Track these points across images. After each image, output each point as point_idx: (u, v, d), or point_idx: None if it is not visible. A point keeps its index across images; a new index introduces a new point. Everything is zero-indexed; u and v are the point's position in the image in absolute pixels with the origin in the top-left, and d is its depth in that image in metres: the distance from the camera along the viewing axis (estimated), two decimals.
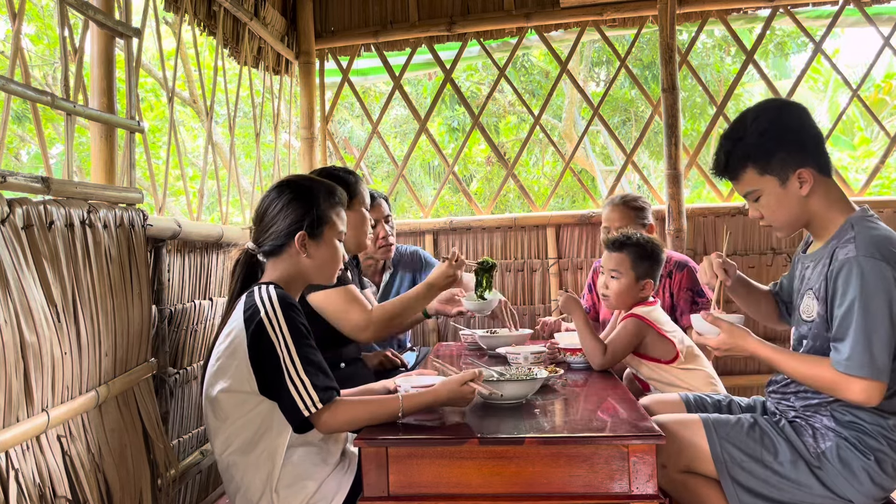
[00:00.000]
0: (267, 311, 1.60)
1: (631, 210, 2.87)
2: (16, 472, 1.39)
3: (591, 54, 9.43)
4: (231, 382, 1.63)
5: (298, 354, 1.57)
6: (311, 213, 1.76)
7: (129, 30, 2.13)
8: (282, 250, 1.77)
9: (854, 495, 1.63)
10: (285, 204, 1.77)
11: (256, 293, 1.66)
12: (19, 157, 9.32)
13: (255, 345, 1.60)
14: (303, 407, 1.54)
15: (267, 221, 1.79)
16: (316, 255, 1.78)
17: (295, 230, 1.75)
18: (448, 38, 3.96)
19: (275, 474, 1.63)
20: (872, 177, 3.78)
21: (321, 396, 1.55)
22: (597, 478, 1.47)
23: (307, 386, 1.55)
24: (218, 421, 1.67)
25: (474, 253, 3.94)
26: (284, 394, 1.56)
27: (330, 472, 1.71)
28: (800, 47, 8.92)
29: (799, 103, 1.82)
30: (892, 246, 1.59)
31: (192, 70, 7.39)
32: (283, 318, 1.59)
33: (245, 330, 1.61)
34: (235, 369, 1.62)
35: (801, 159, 1.69)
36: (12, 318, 1.39)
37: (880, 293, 1.54)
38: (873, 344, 1.53)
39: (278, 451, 1.64)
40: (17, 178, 1.45)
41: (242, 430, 1.64)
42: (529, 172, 10.32)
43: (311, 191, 1.80)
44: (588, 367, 2.32)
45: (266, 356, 1.58)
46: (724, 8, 3.76)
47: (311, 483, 1.66)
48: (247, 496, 1.64)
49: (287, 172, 3.97)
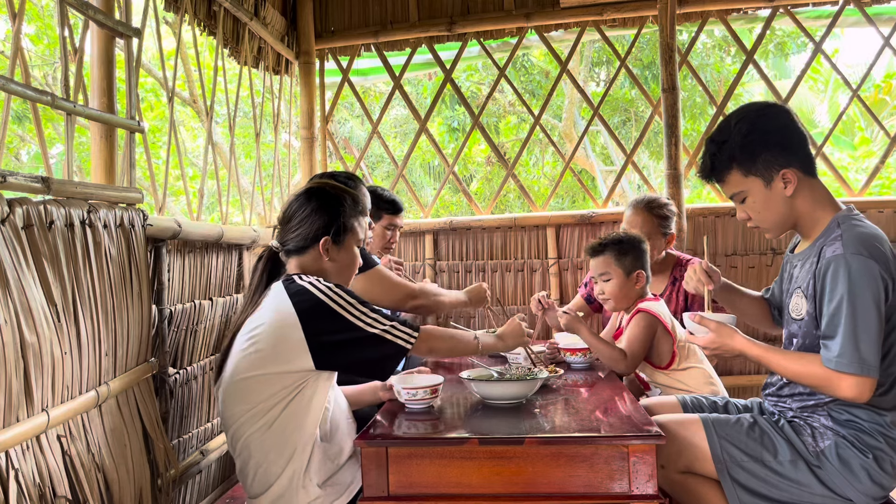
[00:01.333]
0: (323, 291, 1.70)
1: (654, 217, 2.76)
2: (16, 471, 1.39)
3: (591, 54, 9.43)
4: (273, 366, 1.67)
5: (372, 310, 1.72)
6: (337, 221, 1.86)
7: (129, 30, 2.13)
8: (305, 251, 1.85)
9: (854, 494, 1.63)
10: (313, 210, 1.86)
11: (299, 281, 1.73)
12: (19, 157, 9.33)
13: (316, 322, 1.67)
14: (404, 343, 1.72)
15: (294, 224, 1.86)
16: (337, 259, 1.87)
17: (320, 235, 1.83)
18: (448, 38, 3.96)
19: (298, 453, 1.67)
20: (872, 177, 3.78)
21: (412, 327, 1.75)
22: (597, 478, 1.47)
23: (396, 325, 1.72)
24: (243, 403, 1.70)
25: (474, 253, 3.95)
26: (375, 347, 1.69)
27: (347, 461, 1.79)
28: (800, 47, 8.92)
29: (782, 105, 1.84)
30: (878, 243, 1.61)
31: (192, 70, 7.39)
32: (343, 293, 1.72)
33: (299, 313, 1.67)
34: (282, 353, 1.67)
35: (784, 160, 1.71)
36: (12, 318, 1.39)
37: (868, 290, 1.56)
38: (862, 340, 1.55)
39: (304, 430, 1.69)
40: (17, 178, 1.45)
41: (272, 408, 1.67)
42: (529, 172, 10.32)
43: (339, 200, 1.89)
44: (589, 366, 2.32)
45: (335, 329, 1.68)
46: (724, 8, 3.76)
47: (331, 467, 1.74)
48: (267, 473, 1.68)
49: (287, 172, 3.97)
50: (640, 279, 2.31)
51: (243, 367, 1.70)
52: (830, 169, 3.90)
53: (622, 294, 2.31)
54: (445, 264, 3.97)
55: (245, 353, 1.71)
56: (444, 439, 1.51)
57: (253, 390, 1.69)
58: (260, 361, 1.68)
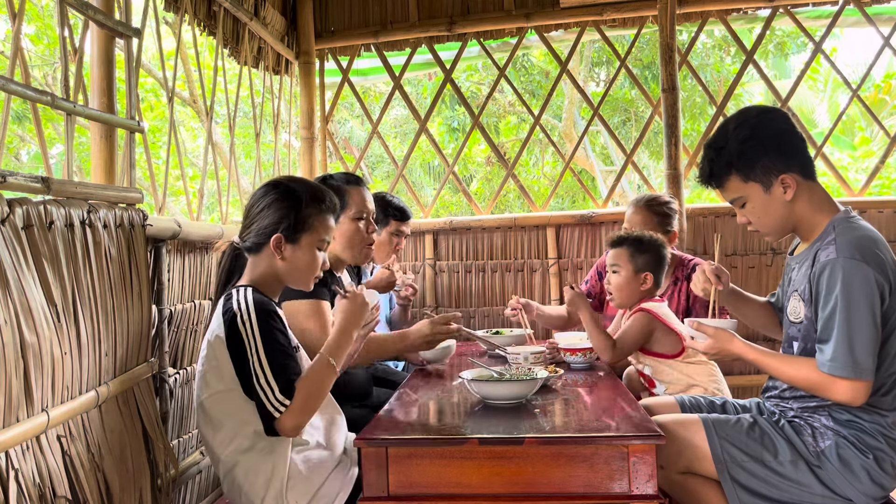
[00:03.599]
0: (242, 316, 1.60)
1: (654, 214, 2.79)
2: (16, 472, 1.39)
3: (591, 54, 9.43)
4: (221, 385, 1.64)
5: (268, 359, 1.57)
6: (291, 217, 1.74)
7: (129, 30, 2.13)
8: (261, 249, 1.76)
9: (854, 494, 1.63)
10: (269, 204, 1.76)
11: (234, 297, 1.66)
12: (19, 157, 9.33)
13: (231, 349, 1.61)
14: (272, 409, 1.55)
15: (251, 218, 1.79)
16: (291, 259, 1.75)
17: (272, 231, 1.73)
18: (448, 38, 3.96)
19: (276, 474, 1.63)
20: (872, 177, 3.78)
21: (286, 396, 1.56)
22: (597, 478, 1.47)
23: (274, 390, 1.55)
24: (212, 425, 1.67)
25: (474, 253, 3.95)
26: (255, 397, 1.58)
27: (332, 471, 1.71)
28: (800, 47, 8.91)
29: (780, 109, 1.84)
30: (874, 247, 1.61)
31: (192, 70, 7.39)
32: (255, 323, 1.60)
33: (224, 334, 1.62)
34: (225, 373, 1.63)
35: (783, 165, 1.71)
36: (12, 318, 1.39)
37: (862, 295, 1.56)
38: (855, 345, 1.55)
39: (278, 450, 1.64)
40: (17, 178, 1.45)
41: (240, 430, 1.64)
42: (529, 172, 10.32)
43: (296, 193, 1.76)
44: (589, 367, 2.32)
45: (241, 360, 1.59)
46: (724, 8, 3.76)
47: (316, 480, 1.67)
48: (249, 497, 1.64)
49: (287, 172, 3.97)
50: (647, 280, 2.31)
51: (201, 384, 1.69)
52: (830, 169, 3.90)
53: (626, 290, 2.32)
54: (445, 264, 3.97)
55: (199, 372, 1.70)
56: (444, 439, 1.51)
57: (215, 411, 1.66)
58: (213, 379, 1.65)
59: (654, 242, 2.34)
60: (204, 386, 1.67)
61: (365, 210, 2.34)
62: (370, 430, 1.58)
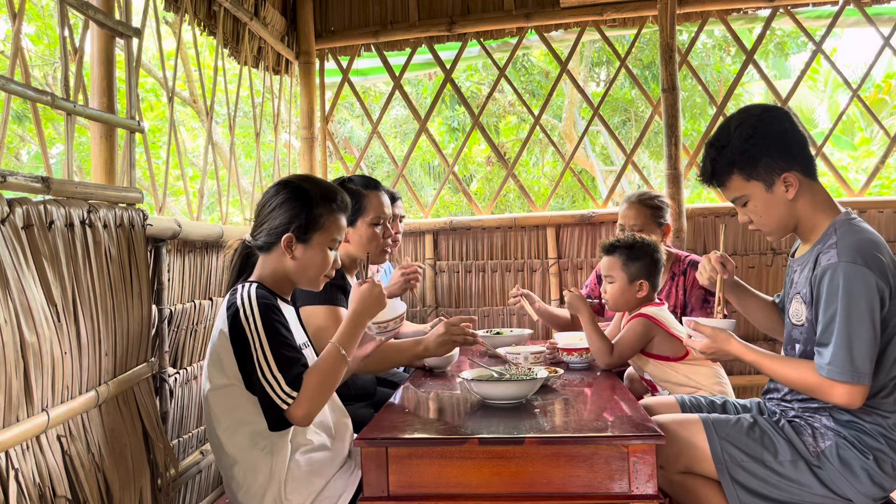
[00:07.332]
0: (245, 311, 1.61)
1: (647, 208, 2.84)
2: (16, 471, 1.39)
3: (591, 54, 9.43)
4: (223, 379, 1.65)
5: (273, 352, 1.57)
6: (302, 217, 1.73)
7: (129, 30, 2.13)
8: (272, 247, 1.76)
9: (854, 494, 1.63)
10: (280, 203, 1.75)
11: (238, 292, 1.67)
12: (19, 157, 9.32)
13: (235, 343, 1.62)
14: (279, 402, 1.55)
15: (262, 217, 1.79)
16: (301, 258, 1.75)
17: (283, 231, 1.73)
18: (448, 38, 3.96)
19: (275, 475, 1.63)
20: (872, 177, 3.78)
21: (294, 388, 1.56)
22: (597, 478, 1.47)
23: (280, 382, 1.56)
24: (217, 419, 1.68)
25: (474, 253, 3.95)
26: (259, 391, 1.58)
27: (336, 472, 1.72)
28: (800, 47, 8.92)
29: (781, 107, 1.83)
30: (875, 250, 1.61)
31: (192, 70, 7.39)
32: (258, 317, 1.60)
33: (228, 329, 1.63)
34: (227, 367, 1.64)
35: (785, 164, 1.71)
36: (12, 318, 1.39)
37: (861, 299, 1.56)
38: (854, 349, 1.56)
39: (278, 450, 1.64)
40: (17, 178, 1.45)
41: (239, 428, 1.65)
42: (529, 172, 10.32)
43: (307, 193, 1.76)
44: (587, 367, 2.32)
45: (244, 354, 1.60)
46: (724, 8, 3.76)
47: (318, 482, 1.67)
48: (249, 494, 1.65)
49: (287, 172, 3.97)
50: (642, 288, 2.29)
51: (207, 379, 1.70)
52: (830, 169, 3.89)
53: (622, 299, 2.31)
54: (445, 264, 3.97)
55: (206, 366, 1.72)
56: (444, 439, 1.51)
57: (219, 405, 1.67)
58: (217, 374, 1.66)
59: (647, 247, 2.31)
60: (207, 380, 1.70)
61: (382, 215, 2.37)
62: (370, 430, 1.58)
